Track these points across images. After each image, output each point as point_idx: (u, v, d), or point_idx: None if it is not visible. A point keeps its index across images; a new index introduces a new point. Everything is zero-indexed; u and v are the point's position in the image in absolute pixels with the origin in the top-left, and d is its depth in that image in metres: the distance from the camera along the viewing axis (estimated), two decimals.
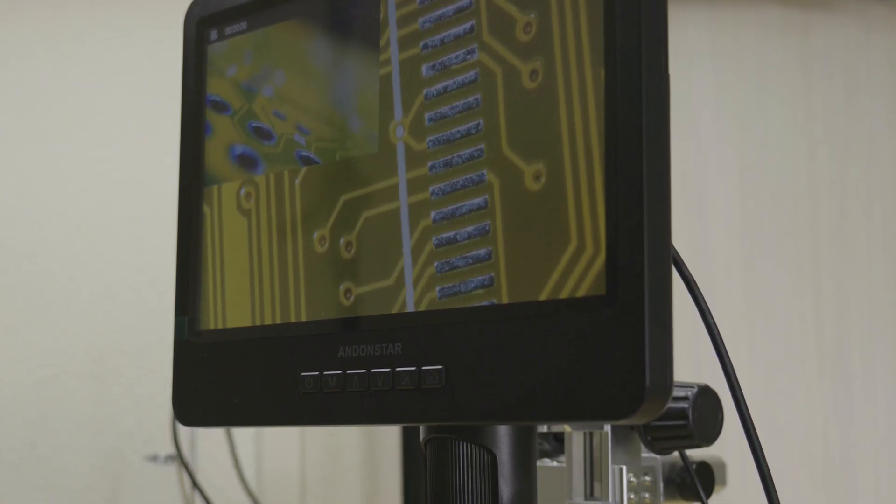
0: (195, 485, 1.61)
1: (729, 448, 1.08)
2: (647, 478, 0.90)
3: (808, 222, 1.97)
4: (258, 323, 0.76)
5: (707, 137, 1.99)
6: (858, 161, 2.05)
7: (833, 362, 1.94)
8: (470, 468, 0.71)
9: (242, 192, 0.78)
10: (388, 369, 0.68)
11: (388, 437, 1.81)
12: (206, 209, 0.80)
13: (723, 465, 0.98)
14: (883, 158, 2.07)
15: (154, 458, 1.63)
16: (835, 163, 2.05)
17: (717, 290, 1.91)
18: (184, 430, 1.64)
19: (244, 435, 1.77)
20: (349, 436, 1.82)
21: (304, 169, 0.75)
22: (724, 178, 1.99)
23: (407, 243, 0.69)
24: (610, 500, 0.88)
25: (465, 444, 0.71)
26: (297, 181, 0.75)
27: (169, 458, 1.62)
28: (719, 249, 1.94)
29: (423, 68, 0.69)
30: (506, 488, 0.71)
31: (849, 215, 1.99)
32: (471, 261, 0.66)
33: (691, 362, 1.80)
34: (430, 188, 0.68)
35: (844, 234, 1.98)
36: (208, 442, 1.74)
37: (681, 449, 0.90)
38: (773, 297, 1.94)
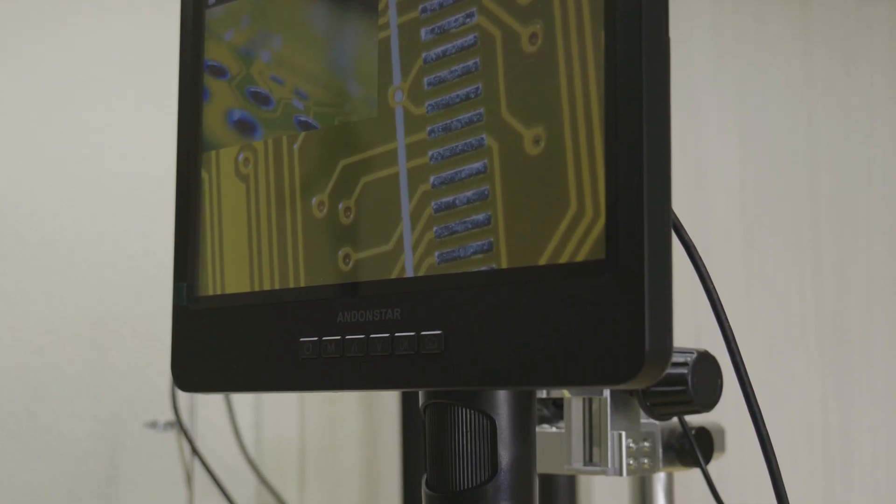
0: (194, 451, 1.62)
1: (728, 415, 1.08)
2: (646, 444, 0.90)
3: (808, 191, 1.97)
4: (257, 288, 0.76)
5: (706, 105, 1.99)
6: (858, 130, 2.05)
7: (832, 332, 1.94)
8: (469, 433, 0.71)
9: (241, 157, 0.78)
10: (387, 334, 0.68)
11: (388, 405, 1.81)
12: (204, 175, 0.80)
13: (722, 432, 0.98)
14: (883, 127, 2.07)
15: (153, 425, 1.63)
16: (835, 132, 2.04)
17: (716, 259, 1.91)
18: (183, 398, 1.64)
19: (243, 402, 1.77)
20: (348, 404, 1.82)
21: (302, 134, 0.75)
22: (724, 146, 1.98)
23: (406, 208, 0.68)
24: (609, 465, 0.88)
25: (464, 409, 0.70)
26: (296, 146, 0.75)
27: (168, 425, 1.62)
28: (718, 218, 1.93)
29: (422, 32, 0.69)
30: (505, 453, 0.71)
31: (849, 184, 1.99)
32: (470, 226, 0.65)
33: (691, 329, 1.80)
34: (429, 153, 0.68)
35: (844, 202, 1.98)
36: (207, 409, 1.75)
37: (680, 415, 0.90)
38: (772, 267, 1.94)
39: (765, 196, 1.96)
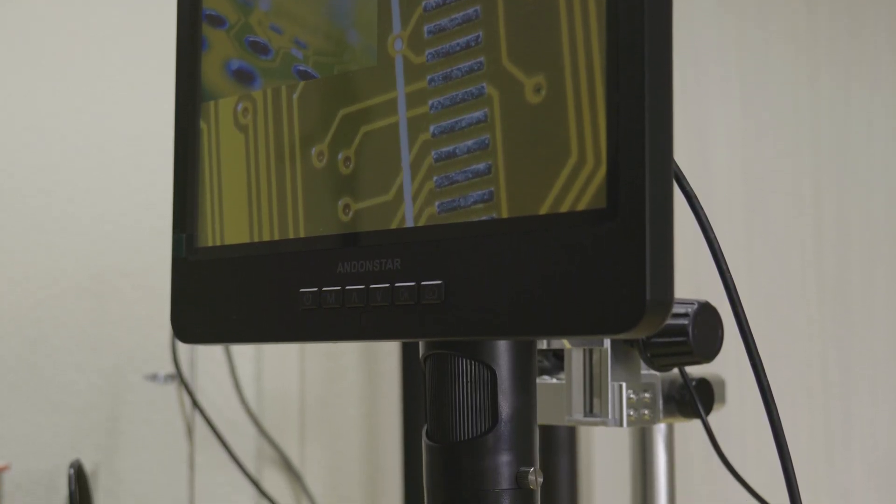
0: (195, 404, 1.62)
1: (728, 368, 1.08)
2: (647, 395, 0.90)
3: (809, 144, 1.96)
4: (256, 239, 0.76)
5: (708, 57, 1.98)
6: (860, 84, 2.04)
7: (832, 286, 1.94)
8: (469, 384, 0.71)
9: (239, 107, 0.77)
10: (387, 285, 0.68)
11: (388, 357, 1.81)
12: (202, 125, 0.80)
13: (722, 384, 0.98)
14: (885, 82, 2.06)
15: (154, 378, 1.64)
16: (837, 85, 2.04)
17: (716, 213, 1.90)
18: (183, 351, 1.64)
19: (244, 355, 1.77)
20: (349, 357, 1.82)
21: (301, 84, 0.74)
22: (726, 99, 1.98)
23: (406, 158, 0.68)
24: (609, 416, 0.88)
25: (464, 359, 0.70)
26: (295, 96, 0.74)
27: (168, 378, 1.62)
28: (719, 172, 1.93)
29: None
30: (505, 404, 0.71)
31: (850, 138, 1.98)
32: (470, 175, 0.65)
33: (691, 280, 1.80)
34: (430, 102, 0.67)
35: (846, 155, 1.97)
36: (208, 362, 1.75)
37: (680, 366, 0.90)
38: (773, 220, 1.94)
39: (766, 149, 1.95)
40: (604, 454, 1.76)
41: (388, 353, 1.81)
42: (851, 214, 1.96)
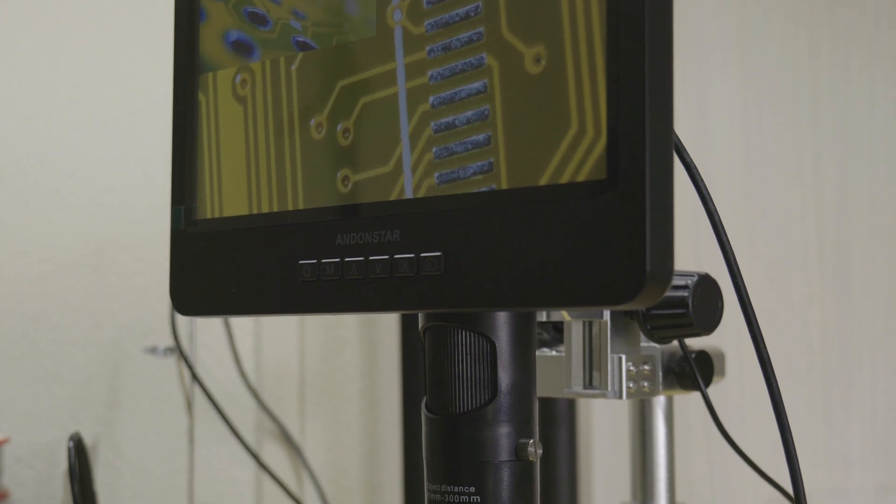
0: (194, 377, 1.62)
1: (727, 341, 1.08)
2: (646, 367, 0.90)
3: (810, 116, 1.96)
4: (255, 211, 0.75)
5: (708, 29, 1.97)
6: (861, 56, 2.03)
7: (833, 257, 1.93)
8: (469, 356, 0.71)
9: (238, 78, 0.77)
10: (386, 256, 0.67)
11: (387, 330, 1.81)
12: (201, 97, 0.79)
13: (722, 356, 0.98)
14: (886, 53, 2.05)
15: (153, 350, 1.64)
16: (837, 57, 2.03)
17: (716, 185, 1.90)
18: (182, 324, 1.64)
19: (243, 329, 1.77)
20: (348, 331, 1.82)
21: (300, 55, 0.74)
22: (726, 70, 1.97)
23: (405, 129, 0.68)
24: (609, 389, 0.88)
25: (463, 331, 0.70)
26: (294, 67, 0.74)
27: (168, 351, 1.62)
28: (719, 144, 1.92)
29: None
30: (504, 376, 0.71)
31: (850, 109, 1.98)
32: (470, 146, 0.65)
33: (691, 253, 1.80)
34: (429, 73, 0.67)
35: (846, 127, 1.97)
36: (207, 336, 1.75)
37: (680, 338, 0.90)
38: (773, 193, 1.93)
39: (766, 121, 1.95)
40: (603, 427, 1.76)
41: (388, 326, 1.81)
42: (852, 186, 1.96)
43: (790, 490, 0.77)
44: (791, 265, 1.92)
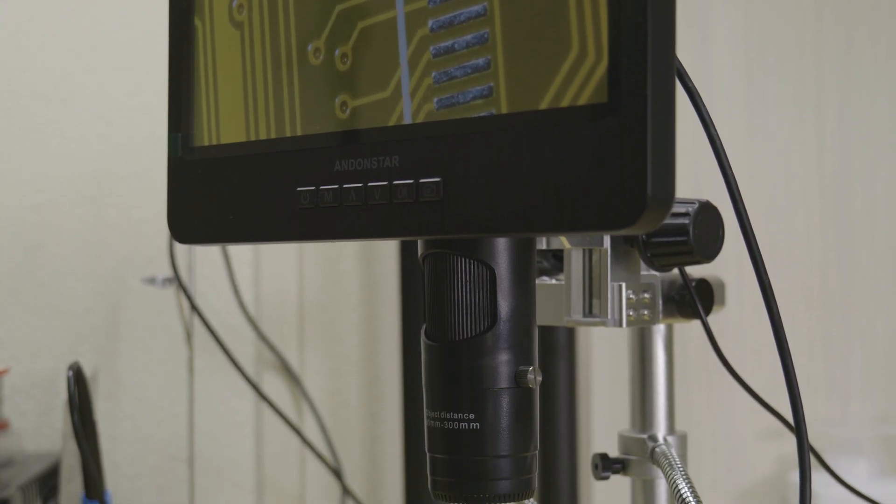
0: (193, 307, 1.62)
1: (728, 272, 1.08)
2: (647, 295, 0.90)
3: (812, 45, 1.95)
4: (253, 138, 0.75)
5: None
6: None
7: (833, 189, 1.93)
8: (468, 283, 0.70)
9: (234, 3, 0.76)
10: (385, 182, 0.67)
11: (387, 262, 1.81)
12: (197, 22, 0.78)
13: (722, 286, 0.97)
14: None
15: (152, 281, 1.63)
16: None
17: (717, 115, 1.89)
18: (181, 255, 1.64)
19: (241, 260, 1.77)
20: (347, 261, 1.82)
21: None
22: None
23: (404, 54, 0.67)
24: (609, 317, 0.87)
25: (463, 258, 0.70)
26: None
27: (167, 281, 1.62)
28: (721, 70, 1.91)
29: None
30: (504, 303, 0.70)
31: (853, 38, 1.96)
32: (469, 70, 0.64)
33: (692, 182, 1.79)
34: None
35: (848, 57, 1.96)
36: (206, 267, 1.75)
37: (681, 265, 0.89)
38: (774, 124, 1.92)
39: (768, 48, 1.93)
40: (602, 356, 1.76)
41: (387, 255, 1.81)
42: (853, 115, 1.95)
43: (790, 419, 0.77)
44: (791, 196, 1.92)
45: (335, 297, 1.82)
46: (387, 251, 1.81)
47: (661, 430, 0.97)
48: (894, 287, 1.94)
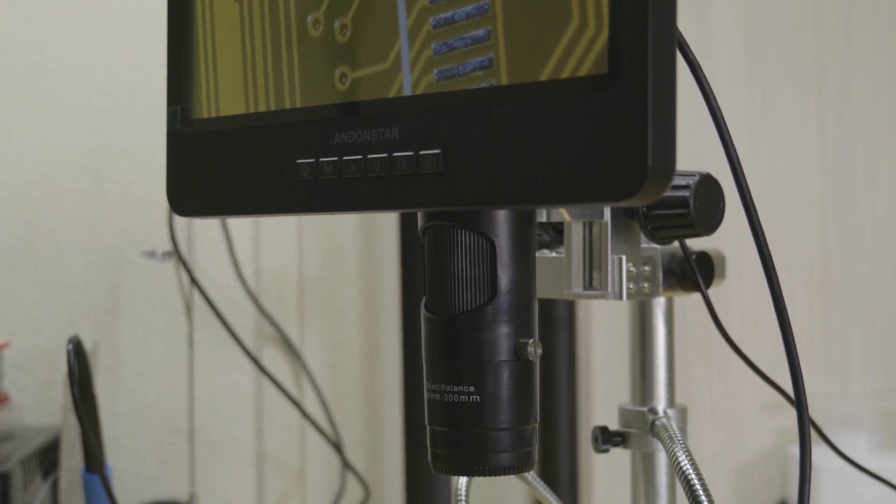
0: (193, 281, 1.62)
1: (728, 246, 1.07)
2: (647, 268, 0.89)
3: (814, 15, 1.94)
4: (252, 110, 0.74)
5: None
6: None
7: (834, 160, 1.92)
8: (468, 255, 0.70)
9: None
10: (384, 154, 0.67)
11: (387, 236, 1.81)
12: None
13: (722, 259, 0.97)
14: None
15: (151, 255, 1.63)
16: None
17: (718, 88, 1.88)
18: (181, 228, 1.63)
19: (241, 234, 1.76)
20: (347, 234, 1.82)
21: None
22: None
23: (403, 25, 0.67)
24: (609, 289, 0.87)
25: (463, 231, 0.70)
26: None
27: (166, 255, 1.62)
28: (722, 43, 1.91)
29: None
30: (504, 276, 0.70)
31: (855, 16, 1.96)
32: (469, 41, 0.64)
33: (692, 155, 1.79)
34: None
35: (850, 31, 1.95)
36: (206, 241, 1.74)
37: (681, 238, 0.89)
38: (775, 98, 1.92)
39: (769, 21, 1.93)
40: (602, 329, 1.76)
41: (387, 229, 1.81)
42: (854, 88, 1.94)
43: (790, 392, 0.77)
44: (791, 172, 1.91)
45: (335, 271, 1.82)
46: (387, 224, 1.81)
47: (661, 404, 0.97)
48: (895, 263, 1.94)
